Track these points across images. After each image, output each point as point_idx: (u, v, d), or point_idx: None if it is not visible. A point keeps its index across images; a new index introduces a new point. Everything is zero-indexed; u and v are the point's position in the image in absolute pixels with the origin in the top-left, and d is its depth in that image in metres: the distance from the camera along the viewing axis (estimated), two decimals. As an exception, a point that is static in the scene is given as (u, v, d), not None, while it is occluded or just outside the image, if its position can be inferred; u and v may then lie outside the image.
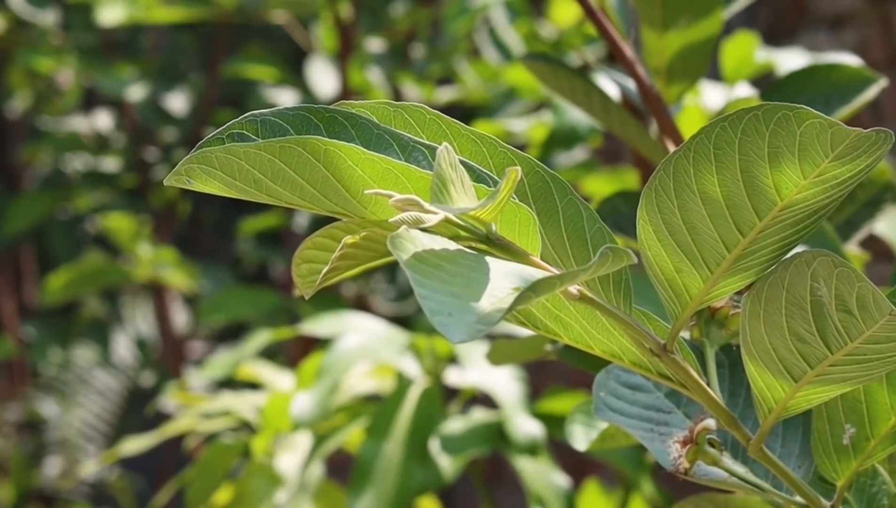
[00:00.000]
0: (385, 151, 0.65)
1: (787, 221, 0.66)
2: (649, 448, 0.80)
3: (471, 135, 0.67)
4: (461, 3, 2.14)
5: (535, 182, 0.67)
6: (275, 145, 0.62)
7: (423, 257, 0.57)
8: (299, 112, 0.65)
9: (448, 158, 0.57)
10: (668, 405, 0.83)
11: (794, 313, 0.67)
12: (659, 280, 0.69)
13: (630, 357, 0.73)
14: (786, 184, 0.64)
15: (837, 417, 0.78)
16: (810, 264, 0.65)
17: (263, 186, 0.64)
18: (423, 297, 0.54)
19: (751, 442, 0.74)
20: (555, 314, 0.70)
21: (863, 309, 0.65)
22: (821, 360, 0.69)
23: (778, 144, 0.63)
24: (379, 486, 1.56)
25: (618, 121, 1.18)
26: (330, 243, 0.65)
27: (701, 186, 0.65)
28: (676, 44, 1.14)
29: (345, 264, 0.61)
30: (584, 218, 0.67)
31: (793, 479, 0.76)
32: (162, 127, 3.05)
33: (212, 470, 1.81)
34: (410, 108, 0.67)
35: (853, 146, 0.62)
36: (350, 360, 1.63)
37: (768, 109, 0.62)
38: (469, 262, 0.58)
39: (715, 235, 0.67)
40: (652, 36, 1.14)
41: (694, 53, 1.15)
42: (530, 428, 1.61)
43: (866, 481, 0.81)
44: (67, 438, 3.56)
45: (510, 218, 0.64)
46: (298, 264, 0.66)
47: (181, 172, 0.64)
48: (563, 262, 0.68)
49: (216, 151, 0.63)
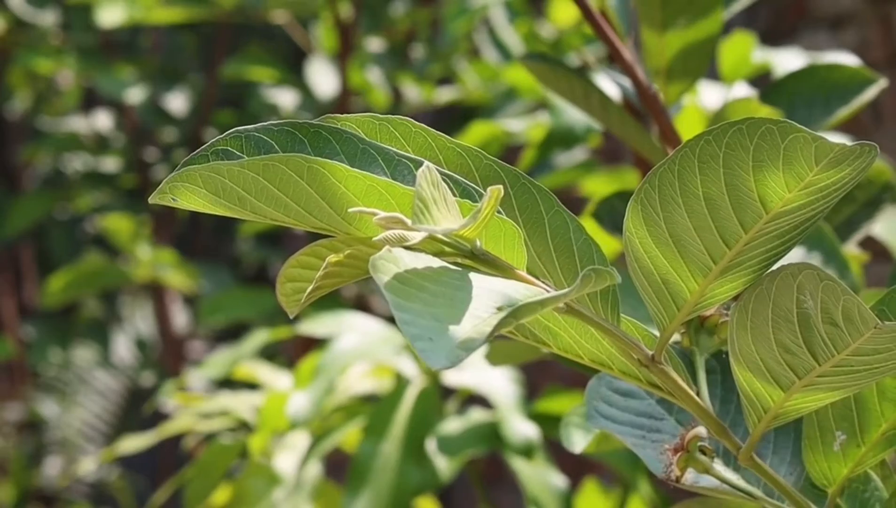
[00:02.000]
0: (370, 166, 0.65)
1: (773, 232, 0.66)
2: (641, 456, 0.80)
3: (456, 148, 0.67)
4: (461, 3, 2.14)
5: (520, 194, 0.67)
6: (258, 163, 0.62)
7: (404, 278, 0.57)
8: (284, 127, 0.65)
9: (430, 176, 0.57)
10: (660, 412, 0.83)
11: (781, 325, 0.67)
12: (646, 291, 0.69)
13: (619, 366, 0.73)
14: (771, 197, 0.64)
15: (828, 424, 0.78)
16: (796, 277, 0.65)
17: (248, 204, 0.64)
18: (403, 322, 0.54)
19: (741, 451, 0.74)
20: (543, 324, 0.70)
21: (848, 322, 0.65)
22: (808, 371, 0.69)
23: (762, 158, 0.63)
24: (375, 486, 1.56)
25: (617, 121, 1.18)
26: (314, 261, 0.65)
27: (686, 198, 0.65)
28: (676, 44, 1.14)
29: (329, 283, 0.61)
30: (571, 229, 0.67)
31: (784, 486, 0.76)
32: (162, 127, 3.04)
33: (210, 471, 1.81)
34: (396, 121, 0.67)
35: (837, 160, 0.62)
36: (347, 360, 1.63)
37: (752, 123, 0.62)
38: (453, 280, 0.58)
39: (701, 247, 0.67)
40: (652, 36, 1.14)
41: (694, 53, 1.15)
42: (526, 430, 1.62)
43: (858, 487, 0.81)
44: (67, 438, 3.56)
45: (495, 232, 0.64)
46: (283, 282, 0.66)
47: (165, 190, 0.64)
48: (550, 274, 0.68)
49: (200, 169, 0.63)
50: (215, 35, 3.11)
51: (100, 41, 2.96)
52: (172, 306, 3.16)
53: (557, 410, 1.67)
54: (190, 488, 1.81)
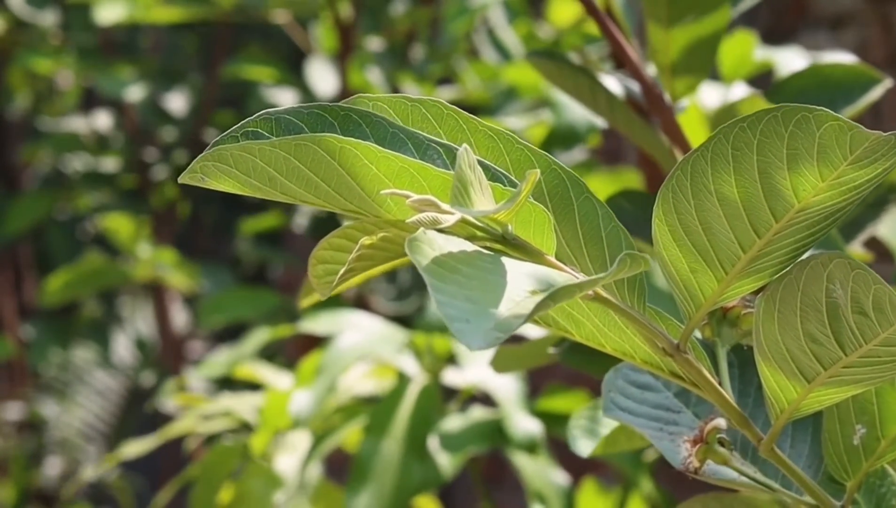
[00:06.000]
0: (400, 150, 0.64)
1: (802, 223, 0.66)
2: (658, 448, 0.80)
3: (488, 131, 0.67)
4: (461, 3, 2.14)
5: (551, 180, 0.67)
6: (290, 143, 0.62)
7: (440, 260, 0.56)
8: (314, 110, 0.65)
9: (468, 159, 0.57)
10: (678, 405, 0.83)
11: (809, 315, 0.67)
12: (673, 280, 0.69)
13: (641, 356, 0.73)
14: (803, 186, 0.64)
15: (848, 417, 0.78)
16: (826, 266, 0.65)
17: (278, 184, 0.64)
18: (441, 303, 0.54)
19: (762, 442, 0.74)
20: (568, 313, 0.70)
21: (878, 311, 0.65)
22: (834, 362, 0.69)
23: (797, 146, 0.62)
24: (377, 484, 1.56)
25: (623, 119, 1.18)
26: (346, 243, 0.65)
27: (718, 186, 0.65)
28: (682, 40, 1.14)
29: (362, 265, 0.61)
30: (600, 216, 0.67)
31: (803, 479, 0.76)
32: (161, 127, 3.04)
33: (214, 473, 1.81)
34: (428, 102, 0.67)
35: (872, 149, 0.62)
36: (348, 357, 1.63)
37: (787, 110, 0.62)
38: (486, 264, 0.58)
39: (731, 236, 0.66)
40: (658, 32, 1.14)
41: (699, 50, 1.14)
42: (529, 426, 1.61)
43: (875, 482, 0.81)
44: (67, 438, 3.56)
45: (525, 218, 0.64)
46: (315, 264, 0.65)
47: (196, 170, 0.64)
48: (578, 261, 0.68)
49: (231, 148, 0.63)
50: (215, 35, 3.11)
51: (99, 41, 2.95)
52: (172, 306, 3.15)
53: (559, 408, 1.66)
54: (195, 492, 1.81)
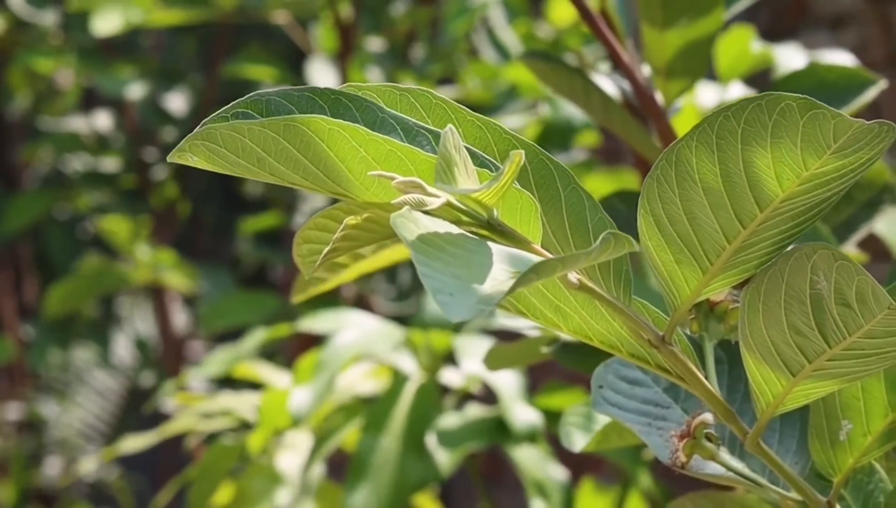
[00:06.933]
0: (389, 135, 0.65)
1: (787, 213, 0.66)
2: (647, 442, 0.81)
3: (476, 120, 0.67)
4: (461, 3, 2.14)
5: (538, 170, 0.67)
6: (279, 123, 0.62)
7: (426, 238, 0.57)
8: (304, 93, 0.66)
9: (453, 140, 0.57)
10: (667, 400, 0.83)
11: (793, 307, 0.67)
12: (658, 271, 0.69)
13: (629, 349, 0.73)
14: (787, 175, 0.64)
15: (834, 412, 0.78)
16: (810, 257, 0.65)
17: (266, 165, 0.64)
18: (425, 276, 0.54)
19: (748, 437, 0.74)
20: (555, 305, 0.70)
21: (861, 303, 0.65)
22: (819, 354, 0.69)
23: (780, 135, 0.63)
24: (375, 480, 1.56)
25: (618, 120, 1.18)
26: (331, 223, 0.65)
27: (703, 175, 0.65)
28: (677, 42, 1.14)
29: (346, 245, 0.61)
30: (587, 207, 0.67)
31: (789, 474, 0.76)
32: (162, 127, 3.04)
33: (213, 472, 1.81)
34: (416, 91, 0.67)
35: (856, 138, 0.62)
36: (346, 354, 1.63)
37: (771, 99, 0.62)
38: (472, 246, 0.58)
39: (716, 225, 0.67)
40: (652, 34, 1.14)
41: (694, 52, 1.14)
42: (529, 416, 1.62)
43: (863, 478, 0.81)
44: (67, 438, 3.56)
45: (512, 205, 0.64)
46: (300, 243, 0.66)
47: (184, 149, 0.64)
48: (563, 250, 0.68)
49: (220, 127, 0.63)
50: (215, 35, 3.11)
51: (100, 41, 2.95)
52: (172, 307, 3.15)
53: (557, 405, 1.67)
54: (193, 490, 1.81)
